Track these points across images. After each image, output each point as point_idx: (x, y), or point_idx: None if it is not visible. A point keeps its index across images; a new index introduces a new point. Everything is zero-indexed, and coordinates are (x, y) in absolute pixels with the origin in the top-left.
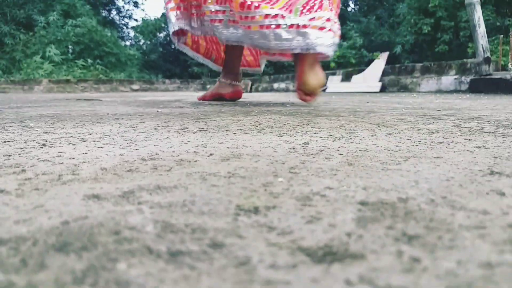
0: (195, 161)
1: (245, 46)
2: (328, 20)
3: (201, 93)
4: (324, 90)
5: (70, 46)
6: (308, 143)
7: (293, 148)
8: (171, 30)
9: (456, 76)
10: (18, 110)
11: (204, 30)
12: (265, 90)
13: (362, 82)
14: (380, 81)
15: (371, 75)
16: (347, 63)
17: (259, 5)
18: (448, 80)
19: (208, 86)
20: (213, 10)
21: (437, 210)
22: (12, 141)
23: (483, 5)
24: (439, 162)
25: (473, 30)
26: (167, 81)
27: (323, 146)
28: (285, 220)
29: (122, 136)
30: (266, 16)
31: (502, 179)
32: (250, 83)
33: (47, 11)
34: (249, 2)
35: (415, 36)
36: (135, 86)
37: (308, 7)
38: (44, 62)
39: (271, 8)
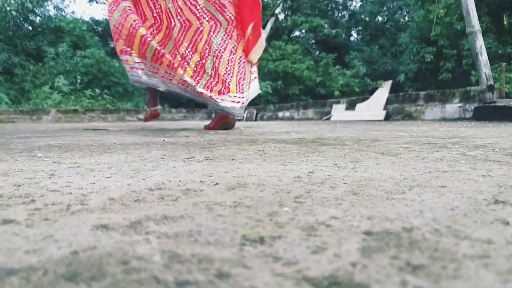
0: (201, 190)
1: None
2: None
3: (207, 122)
4: (329, 119)
5: (78, 77)
6: (313, 172)
7: (298, 177)
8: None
9: (460, 104)
10: (26, 140)
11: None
12: (269, 118)
13: (366, 111)
14: (384, 109)
15: (375, 104)
16: (351, 92)
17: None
18: (452, 108)
19: (213, 115)
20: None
21: (442, 240)
22: (22, 171)
23: (484, 33)
24: (444, 191)
25: (476, 59)
26: (173, 110)
27: (328, 175)
28: (290, 250)
29: (129, 165)
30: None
31: (507, 208)
32: (255, 112)
33: (56, 43)
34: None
35: (418, 65)
36: (141, 116)
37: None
38: (52, 92)
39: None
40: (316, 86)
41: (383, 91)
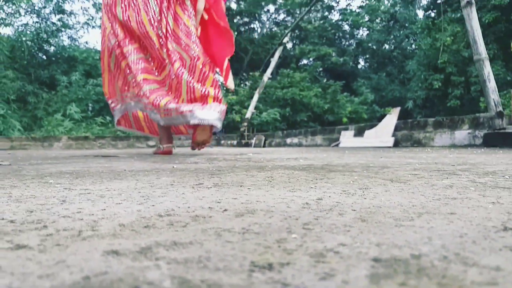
0: (210, 217)
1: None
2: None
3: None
4: (337, 145)
5: (90, 104)
6: (321, 199)
7: (307, 203)
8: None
9: (469, 131)
10: (38, 166)
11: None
12: (278, 145)
13: (375, 137)
14: (393, 136)
15: (384, 130)
16: (359, 118)
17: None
18: (462, 134)
19: (222, 142)
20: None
21: (450, 267)
22: (34, 197)
23: (492, 60)
24: (453, 218)
25: (484, 85)
26: (182, 137)
27: (336, 202)
28: (299, 276)
29: (139, 192)
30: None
31: None
32: (263, 138)
33: (70, 71)
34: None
35: (426, 92)
36: (151, 143)
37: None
38: (64, 119)
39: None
40: (324, 113)
41: (391, 118)
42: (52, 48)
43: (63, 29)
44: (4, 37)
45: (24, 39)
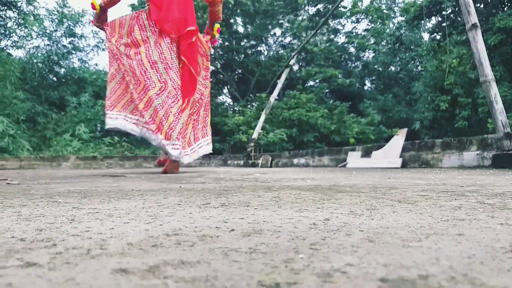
0: (217, 236)
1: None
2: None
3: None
4: (344, 166)
5: (98, 125)
6: (328, 219)
7: (314, 224)
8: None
9: (478, 152)
10: (47, 186)
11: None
12: (285, 165)
13: (382, 158)
14: (400, 156)
15: (391, 151)
16: (366, 139)
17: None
18: (470, 155)
19: (229, 162)
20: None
21: (457, 287)
22: (43, 216)
23: (498, 82)
24: (461, 239)
25: (491, 107)
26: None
27: (343, 223)
28: None
29: (146, 211)
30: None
31: None
32: (270, 158)
33: (79, 93)
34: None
35: (433, 113)
36: None
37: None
38: (73, 139)
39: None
40: (331, 134)
41: (398, 139)
42: (63, 70)
43: (73, 52)
44: (15, 59)
45: (35, 61)
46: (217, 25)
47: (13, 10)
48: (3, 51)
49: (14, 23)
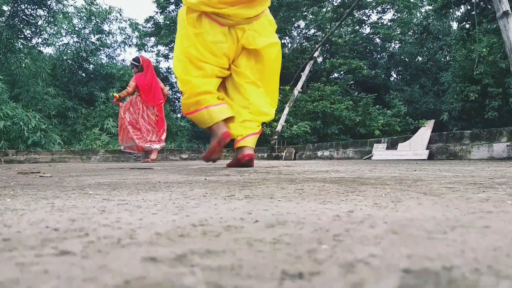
0: (242, 227)
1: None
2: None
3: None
4: (369, 158)
5: None
6: (352, 211)
7: (337, 216)
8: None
9: (508, 143)
10: (78, 178)
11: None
12: (308, 158)
13: (409, 150)
14: (427, 148)
15: (418, 143)
16: (392, 131)
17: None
18: (500, 147)
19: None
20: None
21: (481, 279)
22: (75, 207)
23: None
24: (487, 232)
25: None
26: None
27: (367, 215)
28: (328, 286)
29: (173, 203)
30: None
31: None
32: (293, 151)
33: (107, 88)
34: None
35: (462, 103)
36: (184, 155)
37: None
38: (102, 133)
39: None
40: (356, 126)
41: (425, 130)
42: (91, 66)
43: (101, 48)
44: (46, 56)
45: (65, 58)
46: None
47: (43, 8)
48: (34, 49)
49: (44, 21)
